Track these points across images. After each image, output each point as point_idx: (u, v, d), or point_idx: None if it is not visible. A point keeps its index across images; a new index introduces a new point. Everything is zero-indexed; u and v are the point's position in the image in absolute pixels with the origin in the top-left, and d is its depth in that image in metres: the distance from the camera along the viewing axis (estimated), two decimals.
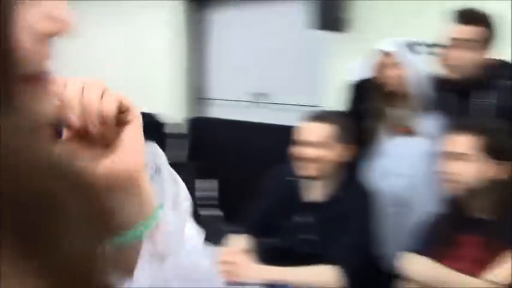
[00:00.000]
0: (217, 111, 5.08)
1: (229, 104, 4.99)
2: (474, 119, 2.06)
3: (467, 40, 2.15)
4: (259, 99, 4.82)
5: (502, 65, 2.23)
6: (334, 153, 2.10)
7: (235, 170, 4.55)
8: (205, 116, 5.13)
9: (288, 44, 4.60)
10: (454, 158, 1.81)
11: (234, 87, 4.95)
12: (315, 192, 2.14)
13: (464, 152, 1.79)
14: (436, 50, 2.35)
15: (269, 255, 2.03)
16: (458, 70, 2.19)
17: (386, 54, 2.31)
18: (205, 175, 4.38)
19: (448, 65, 2.23)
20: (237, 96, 4.92)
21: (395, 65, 2.29)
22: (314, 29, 3.94)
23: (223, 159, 4.65)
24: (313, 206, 2.13)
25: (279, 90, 4.72)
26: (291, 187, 2.18)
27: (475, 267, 1.70)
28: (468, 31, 2.15)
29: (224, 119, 4.86)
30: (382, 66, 2.31)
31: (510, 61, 2.26)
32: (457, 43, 2.17)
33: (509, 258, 1.63)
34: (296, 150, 2.12)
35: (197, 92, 5.14)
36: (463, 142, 1.80)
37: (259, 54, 4.79)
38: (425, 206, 2.09)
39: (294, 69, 4.59)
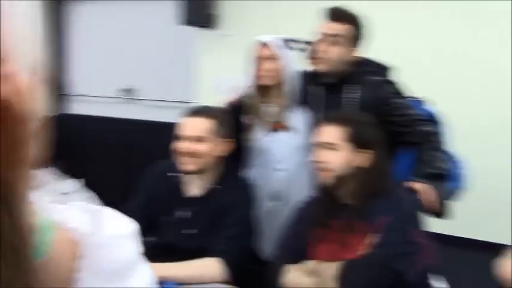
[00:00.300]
0: (83, 108, 4.88)
1: (96, 100, 4.82)
2: (341, 111, 2.19)
3: (335, 35, 2.27)
4: (128, 95, 4.70)
5: (367, 62, 2.38)
6: (213, 147, 2.12)
7: (104, 167, 4.40)
8: (69, 113, 4.90)
9: (158, 39, 4.54)
10: (324, 147, 1.93)
11: (101, 84, 4.79)
12: (195, 187, 2.15)
13: (332, 142, 1.91)
14: (307, 47, 2.45)
15: (152, 253, 1.99)
16: (325, 63, 2.30)
17: (264, 46, 2.36)
18: (71, 174, 4.19)
19: (316, 59, 2.33)
20: (105, 93, 4.76)
21: (272, 57, 2.35)
22: (184, 25, 3.94)
23: (90, 157, 4.46)
24: (194, 201, 2.13)
25: (148, 87, 4.65)
26: (171, 182, 2.16)
27: (343, 249, 1.84)
28: (336, 27, 2.27)
29: (90, 116, 4.67)
30: (259, 58, 2.37)
31: (373, 59, 2.41)
32: (325, 38, 2.28)
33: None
34: (176, 145, 2.11)
35: (60, 89, 4.89)
36: (331, 132, 1.92)
37: (128, 50, 4.67)
38: (302, 198, 2.19)
39: (164, 65, 4.55)
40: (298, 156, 2.36)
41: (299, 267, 1.88)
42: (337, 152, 1.90)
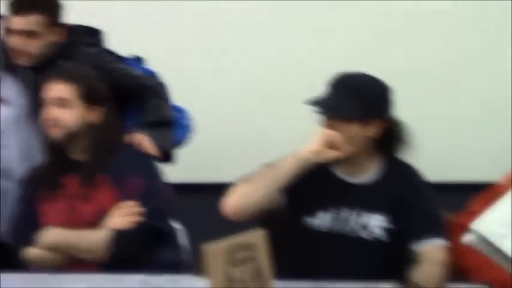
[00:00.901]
0: None
1: None
2: (71, 67, 2.12)
3: (28, 31, 2.12)
4: None
5: (77, 31, 2.29)
6: None
7: None
8: None
9: None
10: (54, 104, 1.91)
11: None
12: None
13: (63, 98, 1.91)
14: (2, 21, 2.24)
15: None
16: (27, 58, 2.17)
17: None
18: None
19: (15, 52, 2.18)
20: None
21: None
22: None
23: None
24: None
25: None
26: None
27: (82, 203, 1.89)
28: (25, 21, 2.12)
29: None
30: None
31: (84, 26, 2.33)
32: (17, 33, 2.14)
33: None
34: None
35: None
36: (62, 89, 1.91)
37: None
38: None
39: None
40: (19, 129, 2.23)
41: (42, 242, 1.85)
42: (68, 108, 1.90)
